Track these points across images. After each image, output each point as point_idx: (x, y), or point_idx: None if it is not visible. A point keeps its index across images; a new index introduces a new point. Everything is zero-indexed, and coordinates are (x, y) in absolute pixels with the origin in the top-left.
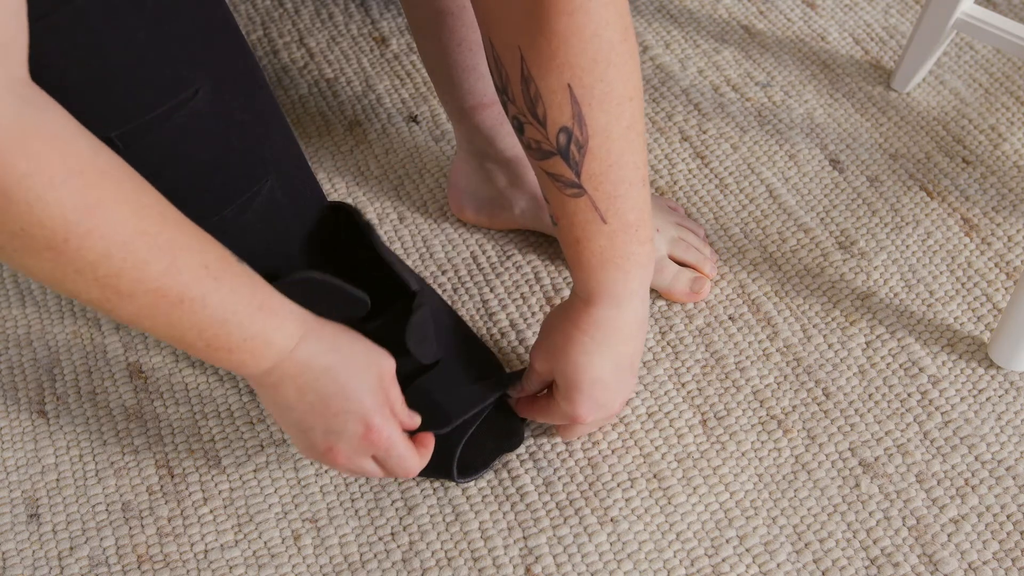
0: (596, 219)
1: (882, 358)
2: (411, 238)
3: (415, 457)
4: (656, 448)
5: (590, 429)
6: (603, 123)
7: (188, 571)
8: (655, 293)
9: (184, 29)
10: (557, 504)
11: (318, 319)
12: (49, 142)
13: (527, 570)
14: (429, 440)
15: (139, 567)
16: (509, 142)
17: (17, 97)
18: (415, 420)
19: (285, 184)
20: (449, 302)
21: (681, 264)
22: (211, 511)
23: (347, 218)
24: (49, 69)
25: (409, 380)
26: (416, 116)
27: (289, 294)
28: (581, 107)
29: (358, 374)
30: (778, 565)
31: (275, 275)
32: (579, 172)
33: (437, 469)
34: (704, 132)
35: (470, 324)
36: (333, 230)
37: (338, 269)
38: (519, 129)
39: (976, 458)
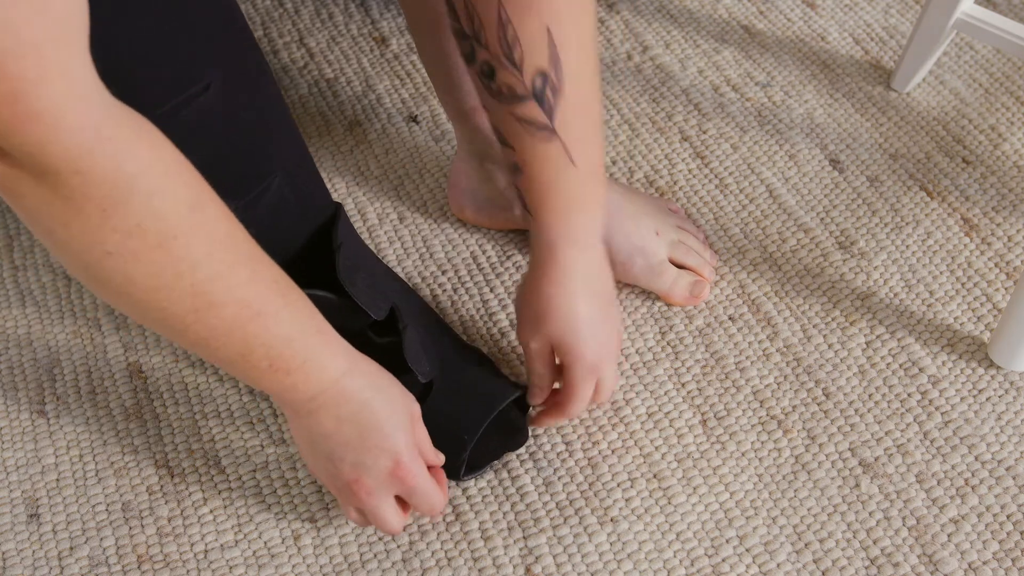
0: (567, 163)
1: (882, 358)
2: (411, 238)
3: (440, 495)
4: (656, 448)
5: (610, 384)
6: (576, 67)
7: (188, 571)
8: (655, 295)
9: (194, 25)
10: (557, 504)
11: (360, 354)
12: (159, 139)
13: (527, 570)
14: (442, 477)
15: (139, 567)
16: None
17: (105, 91)
18: (440, 458)
19: (292, 182)
20: (449, 302)
21: (680, 267)
22: (211, 511)
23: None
24: None
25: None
26: (416, 116)
27: None
28: (559, 50)
29: (395, 412)
30: (778, 565)
31: None
32: (552, 116)
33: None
34: (704, 132)
35: (470, 324)
36: (328, 238)
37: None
38: (488, 75)
39: (976, 458)
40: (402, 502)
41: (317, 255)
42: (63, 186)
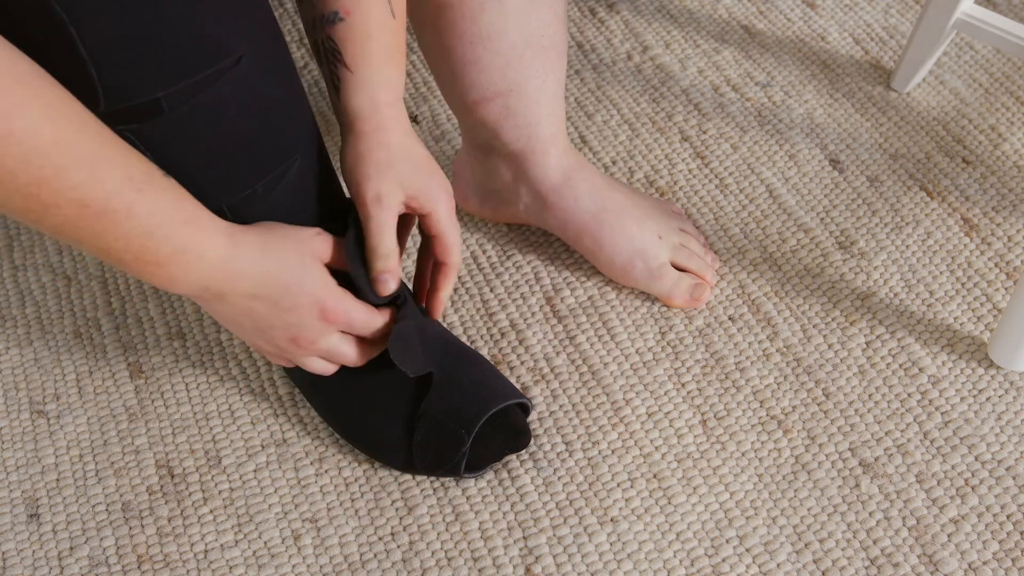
0: (388, 14)
1: (882, 358)
2: (411, 238)
3: (377, 315)
4: (656, 448)
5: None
6: None
7: (188, 571)
8: (654, 297)
9: (243, 21)
10: (557, 504)
11: (241, 227)
12: None
13: (527, 570)
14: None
15: (139, 567)
16: (513, 136)
17: None
18: (386, 281)
19: (311, 166)
20: (449, 302)
21: (682, 271)
22: (211, 511)
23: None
24: (106, 20)
25: (417, 401)
26: (416, 116)
27: None
28: None
29: (296, 266)
30: (778, 565)
31: None
32: None
33: (443, 467)
34: (704, 132)
35: (470, 324)
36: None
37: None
38: None
39: (976, 458)
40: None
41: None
42: None
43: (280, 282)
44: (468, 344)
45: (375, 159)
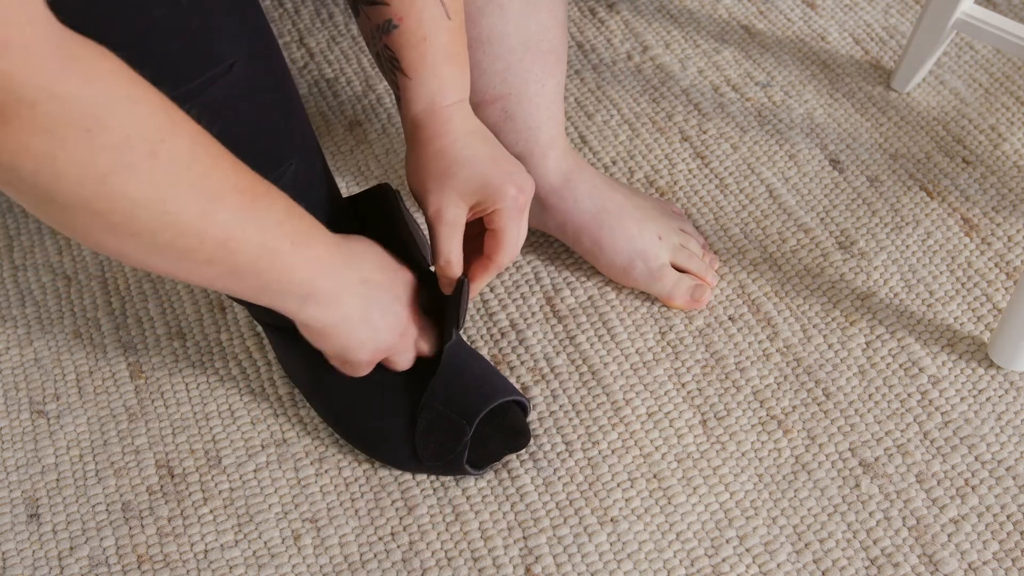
0: (442, 15)
1: (882, 358)
2: None
3: (411, 361)
4: (656, 448)
5: (524, 228)
6: None
7: (188, 571)
8: (654, 297)
9: (222, 4)
10: (557, 504)
11: (339, 246)
12: (106, 50)
13: (527, 570)
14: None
15: (139, 567)
16: (512, 139)
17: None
18: (424, 349)
19: (307, 170)
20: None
21: (682, 271)
22: (211, 511)
23: (370, 206)
24: (97, 28)
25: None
26: None
27: None
28: None
29: (401, 296)
30: (778, 565)
31: None
32: None
33: (444, 457)
34: (704, 132)
35: (470, 324)
36: (346, 225)
37: None
38: None
39: (976, 458)
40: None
41: None
42: (41, 118)
43: (388, 286)
44: (468, 344)
45: (433, 170)
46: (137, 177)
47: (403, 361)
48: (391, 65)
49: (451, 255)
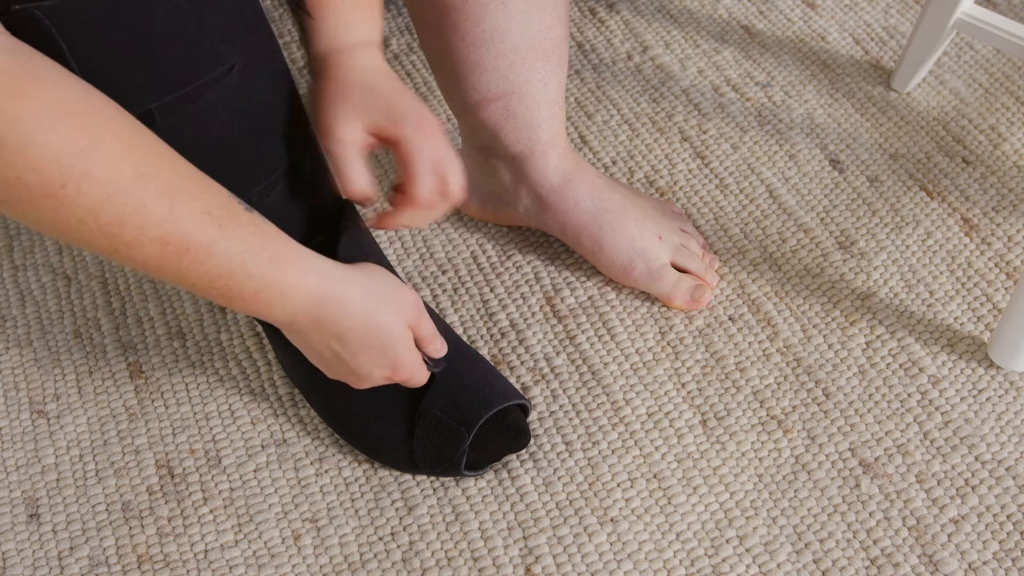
0: None
1: (882, 358)
2: (411, 238)
3: (425, 373)
4: (656, 448)
5: (457, 165)
6: None
7: (188, 571)
8: (654, 297)
9: (221, 6)
10: (557, 504)
11: (338, 268)
12: (38, 84)
13: (527, 570)
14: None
15: (139, 567)
16: (513, 138)
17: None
18: (442, 351)
19: (307, 171)
20: (449, 302)
21: (682, 271)
22: (211, 511)
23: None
24: (95, 34)
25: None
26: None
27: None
28: None
29: (387, 326)
30: (778, 565)
31: None
32: None
33: (443, 464)
34: (704, 132)
35: (470, 324)
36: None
37: None
38: None
39: (976, 458)
40: None
41: (326, 248)
42: None
43: (367, 337)
44: (468, 344)
45: (331, 97)
46: (33, 210)
47: (414, 381)
48: (295, 3)
49: (352, 176)
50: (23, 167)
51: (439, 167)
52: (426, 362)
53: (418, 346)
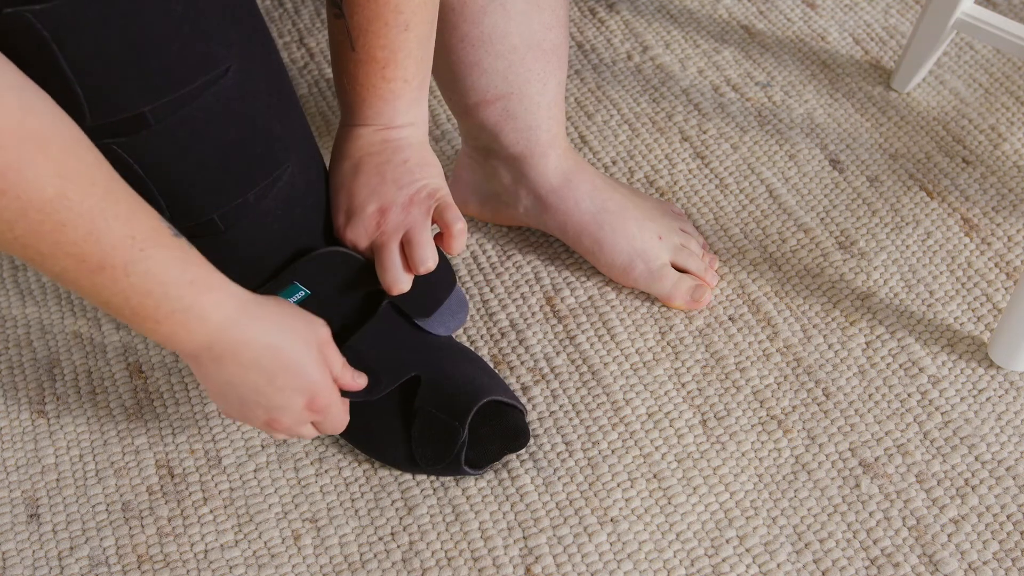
0: (347, 45)
1: (882, 358)
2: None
3: (344, 415)
4: (656, 448)
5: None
6: None
7: (188, 571)
8: (654, 297)
9: (216, 8)
10: (557, 504)
11: (254, 296)
12: None
13: (527, 570)
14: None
15: (139, 567)
16: (513, 139)
17: None
18: (360, 382)
19: (304, 172)
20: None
21: (682, 271)
22: (211, 511)
23: None
24: (88, 38)
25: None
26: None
27: (314, 269)
28: None
29: (301, 349)
30: (778, 565)
31: (291, 259)
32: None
33: (442, 461)
34: (704, 132)
35: (470, 324)
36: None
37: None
38: None
39: (976, 458)
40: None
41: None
42: None
43: (282, 359)
44: (468, 344)
45: (334, 181)
46: None
47: (330, 420)
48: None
49: (395, 264)
50: None
51: (410, 249)
52: (351, 394)
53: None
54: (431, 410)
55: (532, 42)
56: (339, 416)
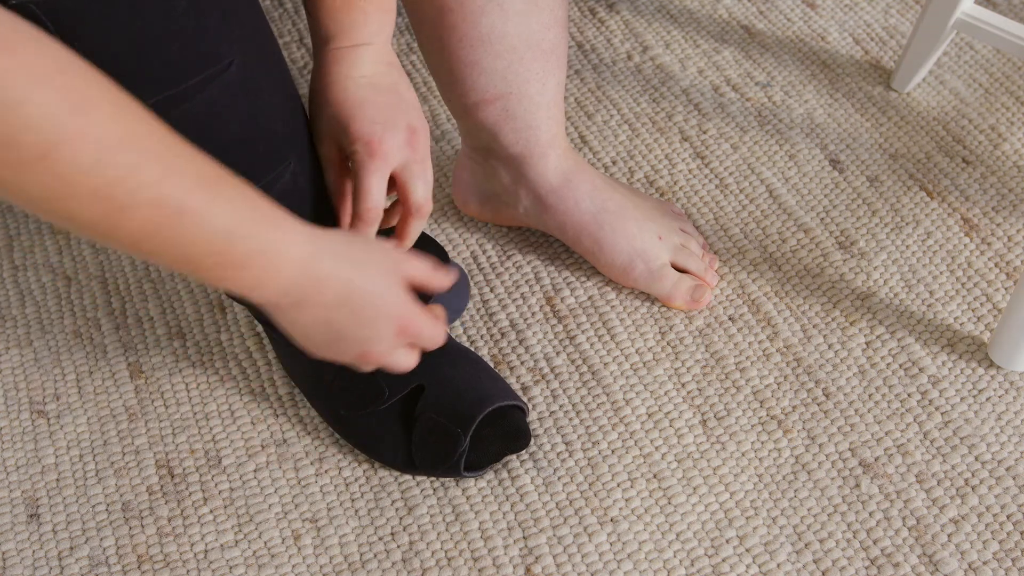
0: None
1: (882, 358)
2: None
3: (440, 328)
4: (656, 448)
5: (421, 180)
6: None
7: (188, 571)
8: (654, 297)
9: (218, 5)
10: (557, 504)
11: (325, 231)
12: (24, 42)
13: (527, 570)
14: (439, 311)
15: (139, 567)
16: (512, 139)
17: None
18: (446, 280)
19: (305, 170)
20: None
21: (682, 271)
22: (211, 511)
23: None
24: (92, 31)
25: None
26: None
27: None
28: None
29: (380, 278)
30: (778, 565)
31: None
32: None
33: (442, 466)
34: (704, 132)
35: (470, 324)
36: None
37: None
38: None
39: (976, 458)
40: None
41: None
42: None
43: (365, 292)
44: (468, 344)
45: (312, 107)
46: (24, 174)
47: (425, 338)
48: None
49: (332, 191)
50: (18, 125)
51: (401, 181)
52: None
53: (423, 299)
54: (433, 415)
55: (531, 42)
56: (434, 331)
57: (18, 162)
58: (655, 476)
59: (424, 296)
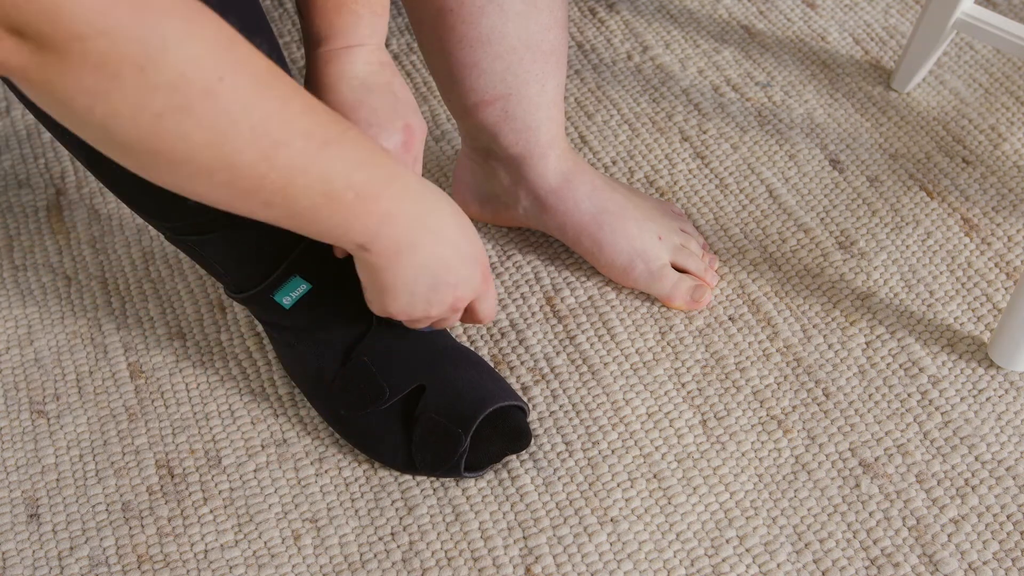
0: None
1: (882, 358)
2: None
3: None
4: (656, 448)
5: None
6: None
7: (188, 571)
8: (654, 297)
9: (220, 6)
10: (557, 504)
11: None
12: None
13: (527, 570)
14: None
15: (139, 567)
16: (512, 140)
17: None
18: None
19: None
20: None
21: (682, 272)
22: (211, 511)
23: None
24: None
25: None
26: None
27: (310, 260)
28: None
29: (463, 216)
30: (778, 565)
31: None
32: None
33: (442, 467)
34: (704, 132)
35: (470, 324)
36: None
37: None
38: None
39: (976, 458)
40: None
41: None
42: (92, 53)
43: (463, 227)
44: (468, 344)
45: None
46: (192, 118)
47: (485, 308)
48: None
49: None
50: (185, 60)
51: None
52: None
53: None
54: (433, 415)
55: (530, 43)
56: (495, 293)
57: (186, 103)
58: (655, 476)
59: None
